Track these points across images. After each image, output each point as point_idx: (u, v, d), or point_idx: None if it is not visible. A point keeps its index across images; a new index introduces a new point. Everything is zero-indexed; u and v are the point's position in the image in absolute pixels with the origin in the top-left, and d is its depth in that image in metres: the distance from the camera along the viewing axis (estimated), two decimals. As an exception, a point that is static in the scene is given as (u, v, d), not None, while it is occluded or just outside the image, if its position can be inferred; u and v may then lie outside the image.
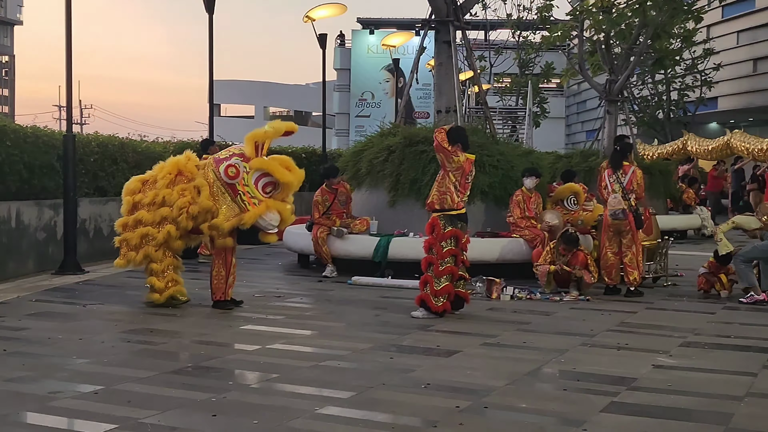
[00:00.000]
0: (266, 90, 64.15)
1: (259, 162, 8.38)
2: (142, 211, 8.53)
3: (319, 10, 20.14)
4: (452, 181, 8.33)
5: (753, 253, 9.80)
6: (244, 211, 8.30)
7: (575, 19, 24.43)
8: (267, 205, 8.32)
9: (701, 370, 6.29)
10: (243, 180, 8.32)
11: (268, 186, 8.42)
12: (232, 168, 8.35)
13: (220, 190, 8.39)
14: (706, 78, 33.91)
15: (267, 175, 8.40)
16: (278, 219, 8.40)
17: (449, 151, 8.32)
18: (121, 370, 5.97)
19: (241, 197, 8.31)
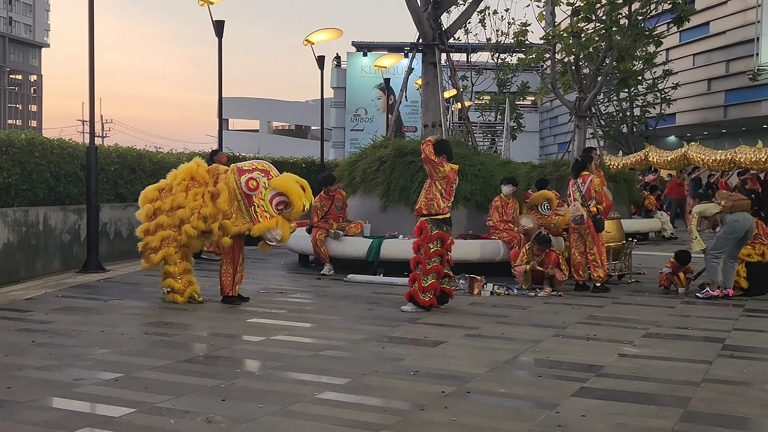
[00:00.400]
0: (270, 106, 64.14)
1: (279, 183, 8.39)
2: (162, 216, 8.53)
3: (317, 34, 20.16)
4: (438, 189, 8.34)
5: (719, 244, 9.65)
6: (255, 221, 8.32)
7: (548, 43, 24.48)
8: (278, 221, 8.36)
9: (662, 359, 6.29)
10: (260, 194, 8.34)
11: (281, 204, 8.44)
12: (253, 181, 8.37)
13: (236, 197, 8.40)
14: (665, 96, 33.98)
15: (282, 194, 8.40)
16: (281, 235, 8.43)
17: (436, 162, 8.33)
18: (139, 359, 5.95)
19: (255, 208, 8.33)
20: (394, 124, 15.98)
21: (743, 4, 31.21)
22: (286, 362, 5.96)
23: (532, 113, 52.86)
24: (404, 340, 6.92)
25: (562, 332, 7.37)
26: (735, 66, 31.63)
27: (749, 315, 8.53)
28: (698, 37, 33.75)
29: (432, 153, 8.33)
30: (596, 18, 23.07)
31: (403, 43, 42.27)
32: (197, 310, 8.26)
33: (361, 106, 50.50)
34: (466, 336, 7.12)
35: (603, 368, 5.89)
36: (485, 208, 11.84)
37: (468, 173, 11.90)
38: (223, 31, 15.45)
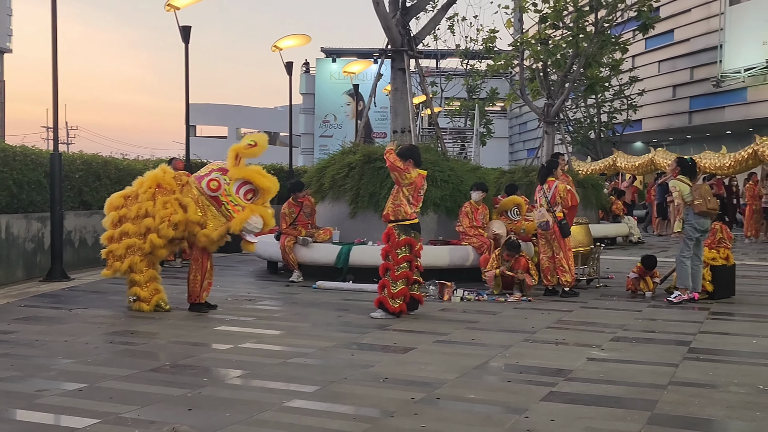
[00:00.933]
0: (238, 113, 63.91)
1: (237, 171, 8.41)
2: (127, 224, 8.44)
3: (286, 40, 20.14)
4: (405, 195, 8.35)
5: (685, 245, 9.65)
6: (230, 218, 8.29)
7: (516, 49, 24.67)
8: (251, 209, 8.34)
9: (629, 362, 6.34)
10: (225, 191, 8.35)
11: (249, 193, 8.47)
12: (214, 182, 8.38)
13: (205, 204, 8.39)
14: (631, 102, 34.39)
15: (246, 183, 8.45)
16: (261, 222, 8.41)
17: (402, 168, 8.33)
18: (104, 369, 5.86)
19: (226, 207, 8.33)
20: (363, 130, 15.99)
21: (707, 12, 31.72)
22: (254, 370, 5.92)
23: (502, 119, 53.19)
24: (374, 347, 6.90)
25: (532, 337, 7.40)
26: (699, 73, 32.12)
27: (714, 318, 8.63)
28: (663, 44, 34.24)
29: (397, 160, 8.33)
30: (563, 25, 23.32)
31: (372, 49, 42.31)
32: (164, 319, 8.17)
33: (330, 113, 50.49)
34: (436, 342, 7.12)
35: (572, 372, 5.92)
36: (455, 214, 11.87)
37: (438, 179, 11.93)
38: (189, 36, 15.36)
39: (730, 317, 8.73)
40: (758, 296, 10.37)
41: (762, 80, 28.23)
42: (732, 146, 24.60)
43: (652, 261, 10.39)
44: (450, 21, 32.87)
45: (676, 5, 32.86)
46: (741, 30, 29.04)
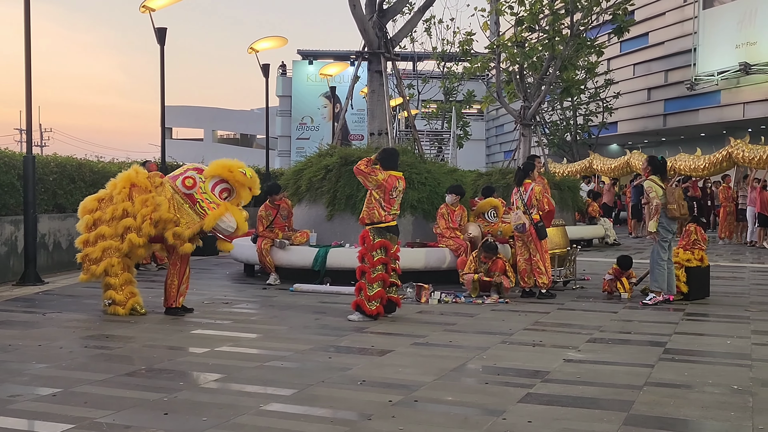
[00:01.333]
0: (214, 115, 63.60)
1: (212, 169, 8.39)
2: (103, 227, 8.35)
3: (262, 42, 20.08)
4: (376, 198, 8.36)
5: (660, 249, 9.71)
6: (204, 216, 8.25)
7: (493, 52, 24.82)
8: (226, 207, 8.30)
9: (606, 363, 6.38)
10: (200, 189, 8.32)
11: (224, 192, 8.43)
12: (189, 179, 8.37)
13: (179, 202, 8.32)
14: (607, 105, 34.66)
15: (222, 181, 8.40)
16: (235, 223, 8.35)
17: (366, 172, 8.34)
18: (79, 374, 5.80)
19: (200, 204, 8.28)
20: (340, 132, 15.99)
21: (681, 16, 32.06)
22: (231, 374, 5.89)
23: (479, 121, 53.42)
24: (351, 350, 6.89)
25: (509, 339, 7.43)
26: (673, 76, 32.43)
27: (689, 319, 8.71)
28: (638, 47, 34.54)
29: (361, 163, 8.35)
30: (539, 28, 23.49)
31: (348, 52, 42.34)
32: (139, 322, 8.11)
33: (306, 115, 50.42)
34: (414, 344, 7.12)
35: (549, 374, 5.95)
36: (432, 216, 11.89)
37: (415, 181, 11.95)
38: (165, 38, 15.27)
39: (704, 318, 8.82)
40: (732, 297, 10.48)
41: (735, 83, 28.57)
42: (706, 148, 24.86)
43: (628, 261, 10.48)
44: (427, 23, 33.05)
45: (651, 9, 33.18)
46: (714, 33, 29.37)
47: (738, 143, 21.20)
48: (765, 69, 26.89)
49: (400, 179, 8.53)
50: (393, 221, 8.46)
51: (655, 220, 9.67)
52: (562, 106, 35.56)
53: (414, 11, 16.06)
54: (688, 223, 10.65)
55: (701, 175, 23.28)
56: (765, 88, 27.30)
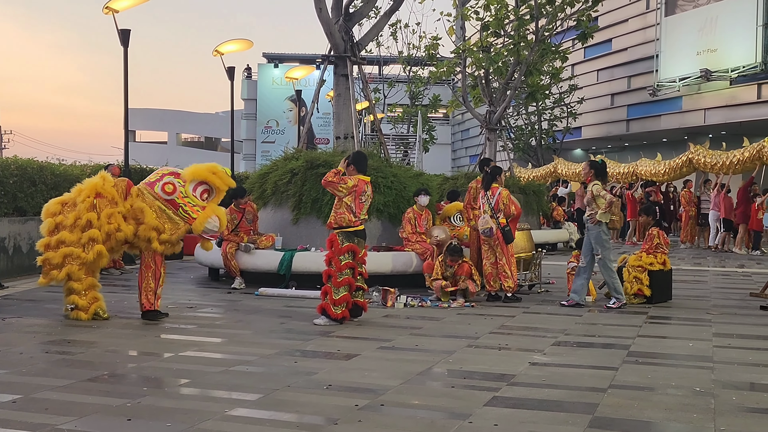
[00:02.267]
0: (179, 118, 63.11)
1: (191, 173, 8.35)
2: (64, 232, 8.23)
3: (227, 45, 19.97)
4: (347, 204, 8.35)
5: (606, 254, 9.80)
6: (189, 220, 8.21)
7: (458, 56, 24.93)
8: (212, 208, 8.31)
9: (571, 366, 6.43)
10: (181, 193, 8.27)
11: (204, 193, 8.45)
12: (168, 185, 8.34)
13: (159, 208, 8.25)
14: (571, 110, 34.99)
15: (202, 183, 8.40)
16: (218, 222, 8.37)
17: (335, 182, 8.32)
18: (39, 380, 5.71)
19: (183, 209, 8.26)
20: (305, 135, 15.93)
21: (643, 23, 32.51)
22: (196, 379, 5.83)
23: (444, 125, 53.64)
24: (317, 354, 6.87)
25: (475, 342, 7.46)
26: (636, 82, 32.86)
27: (652, 322, 8.82)
28: (601, 53, 34.94)
29: (329, 174, 8.34)
30: (505, 33, 23.65)
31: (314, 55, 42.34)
32: (102, 327, 8.00)
33: (272, 118, 50.21)
34: (380, 348, 7.12)
35: (514, 377, 5.98)
36: (398, 220, 11.90)
37: (381, 185, 11.95)
38: (129, 40, 15.11)
39: (667, 321, 8.94)
40: (694, 300, 10.64)
41: (696, 89, 29.02)
42: (667, 154, 25.23)
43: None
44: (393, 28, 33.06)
45: (614, 15, 33.59)
46: (676, 40, 29.83)
47: (698, 149, 21.55)
48: (725, 76, 27.36)
49: (368, 184, 8.54)
50: (361, 225, 8.46)
51: (607, 211, 9.68)
52: (527, 111, 35.83)
53: (380, 15, 16.09)
54: (651, 227, 10.78)
55: (662, 180, 23.60)
56: (725, 95, 27.79)
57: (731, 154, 20.34)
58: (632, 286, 10.14)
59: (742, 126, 27.02)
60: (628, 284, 10.17)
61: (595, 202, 9.77)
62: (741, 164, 20.04)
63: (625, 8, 33.46)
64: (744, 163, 19.91)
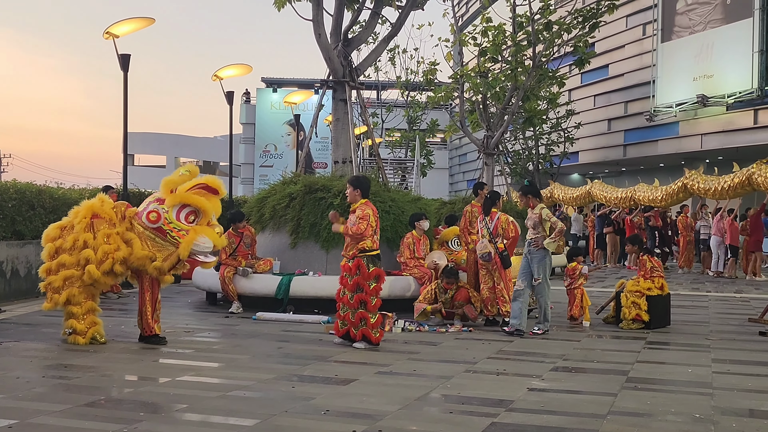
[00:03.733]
0: (177, 142, 63.35)
1: (171, 198, 8.29)
2: (64, 255, 8.24)
3: (226, 69, 20.05)
4: (372, 227, 8.41)
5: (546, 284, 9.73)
6: (177, 245, 8.18)
7: (456, 81, 25.06)
8: (195, 231, 8.21)
9: (569, 392, 6.41)
10: (165, 219, 8.22)
11: (190, 215, 8.32)
12: (153, 213, 8.27)
13: (150, 237, 8.24)
14: (568, 135, 35.12)
15: (185, 206, 8.31)
16: (210, 242, 8.27)
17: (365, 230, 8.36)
18: (36, 405, 5.68)
19: (170, 235, 8.20)
20: (304, 160, 15.98)
21: (640, 49, 32.75)
22: (193, 404, 5.80)
23: (442, 150, 53.80)
24: (315, 379, 6.84)
25: (473, 368, 7.43)
26: (633, 107, 33.04)
27: (651, 347, 8.80)
28: (598, 79, 35.16)
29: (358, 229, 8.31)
30: (502, 59, 23.79)
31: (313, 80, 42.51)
32: (99, 352, 7.97)
33: (270, 142, 50.34)
34: (378, 373, 7.09)
35: (513, 403, 5.96)
36: (396, 244, 11.90)
37: (379, 209, 11.90)
38: (129, 65, 15.18)
39: (666, 346, 8.92)
40: (692, 326, 10.62)
41: (693, 115, 29.18)
42: (664, 179, 25.30)
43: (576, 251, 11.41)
44: (391, 53, 33.28)
45: (611, 41, 33.84)
46: (672, 66, 30.03)
47: (693, 174, 21.60)
48: (722, 101, 27.53)
49: (370, 204, 8.62)
50: (378, 249, 8.52)
51: (555, 240, 9.58)
52: (524, 136, 35.96)
53: (379, 41, 16.21)
54: (640, 254, 10.78)
55: (660, 206, 23.63)
56: (722, 120, 27.94)
57: (722, 180, 20.39)
58: (630, 312, 10.13)
59: (739, 151, 27.14)
60: (626, 309, 10.17)
61: (542, 226, 9.62)
62: (732, 190, 20.06)
63: (621, 34, 33.72)
64: (735, 188, 19.94)
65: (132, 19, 15.20)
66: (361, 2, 14.71)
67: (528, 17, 23.09)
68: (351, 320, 8.36)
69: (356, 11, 14.77)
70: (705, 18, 28.79)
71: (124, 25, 15.01)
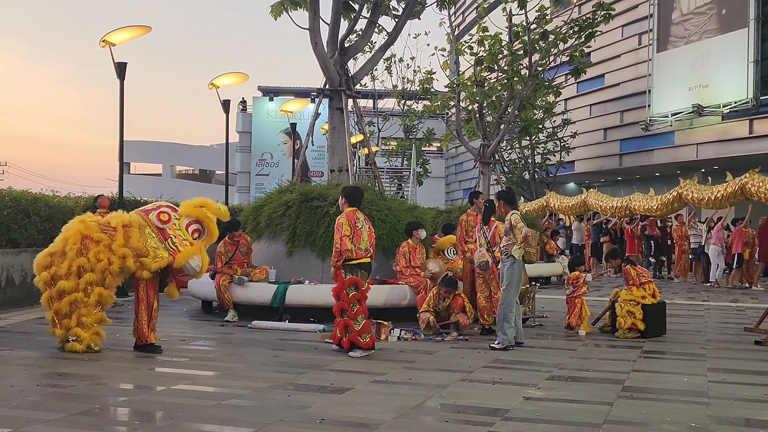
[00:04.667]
0: (173, 150, 63.29)
1: (189, 210, 8.40)
2: (62, 282, 8.24)
3: (223, 78, 20.08)
4: (347, 235, 8.43)
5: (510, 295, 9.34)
6: (175, 252, 8.20)
7: (453, 91, 25.14)
8: (197, 247, 8.31)
9: (565, 401, 6.40)
10: (174, 225, 8.33)
11: (196, 232, 8.45)
12: (164, 214, 8.43)
13: (148, 234, 8.26)
14: (564, 144, 35.21)
15: (196, 222, 8.44)
16: (201, 264, 8.35)
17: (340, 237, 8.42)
18: (30, 413, 5.65)
19: (172, 240, 8.27)
20: (300, 168, 15.99)
21: (636, 59, 32.87)
22: (188, 412, 5.78)
23: (438, 159, 53.89)
24: (310, 387, 6.83)
25: (469, 376, 7.42)
26: (629, 116, 33.14)
27: (647, 356, 8.80)
28: (594, 88, 35.29)
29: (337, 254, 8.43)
30: (499, 68, 23.88)
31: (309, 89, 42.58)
32: (94, 360, 7.94)
33: (266, 151, 50.40)
34: (373, 382, 7.08)
35: (509, 412, 5.95)
36: (392, 253, 11.90)
37: (375, 218, 11.96)
38: (125, 73, 15.20)
39: (661, 355, 8.91)
40: (688, 334, 10.62)
41: (689, 124, 29.28)
42: (660, 188, 25.34)
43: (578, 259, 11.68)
44: (387, 62, 33.37)
45: (607, 51, 33.96)
46: (668, 76, 30.14)
47: (687, 183, 21.63)
48: (717, 111, 27.62)
49: (357, 211, 8.63)
50: (365, 258, 8.51)
51: (521, 247, 9.31)
52: (520, 145, 36.06)
53: (375, 50, 16.23)
54: (622, 265, 10.76)
55: (655, 216, 23.65)
56: (717, 130, 28.03)
57: (716, 189, 20.41)
58: (626, 321, 10.12)
59: (735, 160, 27.22)
60: (621, 319, 10.16)
61: (513, 233, 9.39)
62: (725, 199, 20.08)
63: (617, 44, 33.85)
64: (728, 197, 19.95)
65: (128, 27, 15.24)
66: (357, 11, 14.75)
67: (524, 27, 23.19)
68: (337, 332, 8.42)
69: (353, 20, 14.81)
70: (700, 28, 28.92)
71: (120, 34, 15.05)
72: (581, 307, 10.66)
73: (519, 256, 9.34)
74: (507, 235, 9.47)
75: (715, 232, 19.93)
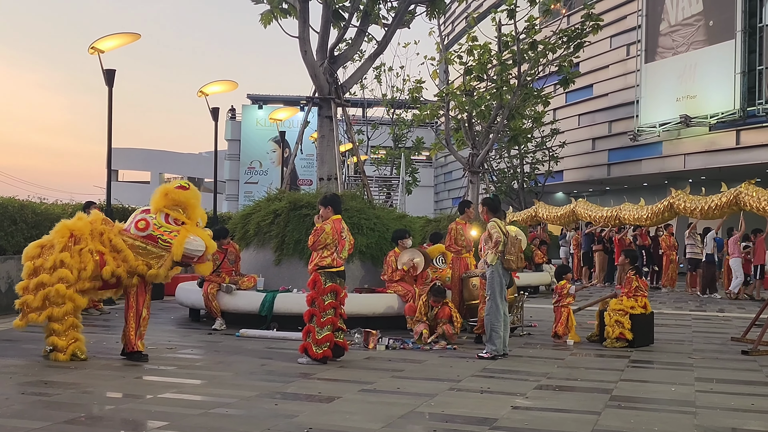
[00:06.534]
0: (161, 158, 63.19)
1: (158, 203, 8.36)
2: (44, 275, 8.16)
3: (212, 86, 20.06)
4: (331, 245, 8.43)
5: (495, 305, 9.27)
6: (170, 248, 8.19)
7: (442, 100, 25.19)
8: (186, 230, 8.25)
9: (553, 410, 6.40)
10: (155, 225, 8.27)
11: (178, 219, 8.38)
12: (141, 221, 8.36)
13: (140, 247, 8.26)
14: (553, 154, 35.31)
15: (172, 209, 8.37)
16: (201, 242, 8.30)
17: (318, 240, 8.44)
18: (15, 422, 5.61)
19: (162, 239, 8.24)
20: (288, 177, 15.99)
21: (624, 69, 33.03)
22: (175, 421, 5.75)
23: (427, 168, 53.96)
24: (298, 396, 6.81)
25: (457, 386, 7.42)
26: (617, 126, 33.27)
27: (635, 366, 8.82)
28: (583, 98, 35.42)
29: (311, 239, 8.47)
30: (488, 78, 23.97)
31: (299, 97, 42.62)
32: (80, 368, 7.90)
33: (255, 159, 50.36)
34: (362, 391, 7.06)
35: (497, 421, 5.95)
36: (381, 262, 11.90)
37: (364, 227, 11.97)
38: (113, 80, 15.17)
39: (649, 365, 8.94)
40: (676, 344, 10.66)
41: (676, 135, 29.41)
42: (648, 197, 25.42)
43: (564, 268, 11.51)
44: (377, 71, 33.43)
45: (595, 61, 34.12)
46: (656, 86, 30.29)
47: (679, 194, 21.71)
48: (705, 122, 27.77)
49: (341, 221, 8.64)
50: (341, 266, 8.53)
51: (494, 252, 9.23)
52: (509, 154, 36.14)
53: (364, 58, 16.26)
54: (628, 270, 10.83)
55: (645, 225, 23.73)
56: (705, 140, 28.17)
57: (709, 200, 20.50)
58: (614, 330, 10.15)
59: (722, 171, 27.36)
60: (609, 328, 10.19)
61: (491, 241, 9.39)
62: (719, 209, 20.17)
63: (605, 54, 34.01)
64: (722, 208, 20.04)
65: (117, 34, 15.22)
66: (347, 20, 14.78)
67: (513, 37, 23.28)
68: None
69: (342, 29, 14.84)
70: (688, 39, 29.10)
71: (109, 41, 15.02)
72: (568, 316, 10.68)
73: (492, 261, 9.29)
74: (486, 243, 9.50)
75: (733, 243, 19.86)
